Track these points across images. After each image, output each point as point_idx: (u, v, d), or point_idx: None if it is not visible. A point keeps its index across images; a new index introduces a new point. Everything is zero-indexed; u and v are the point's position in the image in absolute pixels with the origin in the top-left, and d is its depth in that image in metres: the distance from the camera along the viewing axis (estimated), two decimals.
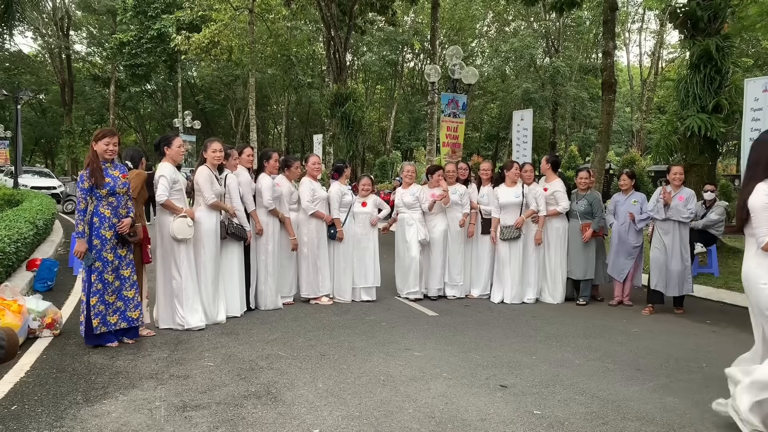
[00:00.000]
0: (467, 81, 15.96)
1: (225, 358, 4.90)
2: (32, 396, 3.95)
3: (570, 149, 29.17)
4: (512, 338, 5.81)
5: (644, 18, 37.68)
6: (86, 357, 4.83)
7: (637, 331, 6.22)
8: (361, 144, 22.88)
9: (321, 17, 21.39)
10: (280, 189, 6.83)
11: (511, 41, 34.45)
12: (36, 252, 9.08)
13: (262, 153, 6.96)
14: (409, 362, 4.90)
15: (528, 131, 13.79)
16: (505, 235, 7.23)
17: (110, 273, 5.06)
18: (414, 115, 41.65)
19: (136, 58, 33.95)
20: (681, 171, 7.04)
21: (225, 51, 30.10)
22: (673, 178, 6.97)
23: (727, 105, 9.82)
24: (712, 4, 9.94)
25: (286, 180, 7.03)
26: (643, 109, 35.81)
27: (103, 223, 5.01)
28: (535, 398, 4.14)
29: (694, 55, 10.04)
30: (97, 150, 5.03)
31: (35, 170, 28.15)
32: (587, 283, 7.44)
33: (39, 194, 15.35)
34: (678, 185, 6.94)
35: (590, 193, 7.50)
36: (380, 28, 33.60)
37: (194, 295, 5.72)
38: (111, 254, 5.05)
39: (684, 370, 4.92)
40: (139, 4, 33.24)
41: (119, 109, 45.07)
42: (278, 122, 47.94)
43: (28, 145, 51.34)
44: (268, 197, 6.58)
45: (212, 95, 45.19)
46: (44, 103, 47.92)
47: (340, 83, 20.41)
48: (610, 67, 13.60)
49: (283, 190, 6.87)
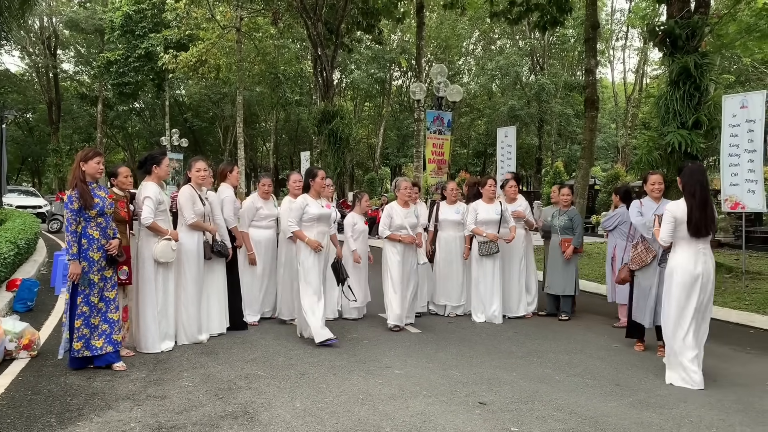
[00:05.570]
0: (452, 99, 16.07)
1: (203, 377, 4.87)
2: (5, 419, 3.90)
3: (555, 165, 29.37)
4: (494, 354, 5.81)
5: (627, 36, 38.21)
6: (63, 378, 4.78)
7: (618, 346, 6.24)
8: (349, 161, 22.95)
9: (308, 36, 21.49)
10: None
11: (497, 59, 34.83)
12: (17, 272, 9.00)
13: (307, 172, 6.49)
14: (389, 380, 4.89)
15: (512, 147, 13.88)
16: (484, 251, 7.16)
17: (96, 295, 4.98)
18: (402, 132, 41.91)
19: (123, 77, 33.94)
20: (660, 180, 6.15)
21: (213, 69, 30.21)
22: (651, 189, 6.08)
23: (706, 121, 9.92)
24: (690, 23, 10.08)
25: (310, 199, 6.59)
26: (627, 125, 36.17)
27: (91, 244, 4.94)
28: (513, 415, 4.15)
29: (673, 72, 10.15)
30: (87, 170, 4.96)
31: (21, 189, 27.95)
32: (568, 298, 7.46)
33: (23, 214, 15.20)
34: (657, 197, 6.07)
35: (571, 209, 7.56)
36: (368, 47, 33.84)
37: (164, 319, 5.67)
38: (97, 276, 4.98)
39: (663, 386, 4.94)
40: (126, 24, 33.30)
41: (107, 128, 44.95)
42: (267, 139, 47.98)
43: (15, 163, 51.09)
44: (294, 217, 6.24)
45: (200, 113, 45.17)
46: (31, 121, 47.73)
47: (327, 101, 20.49)
48: (592, 85, 13.76)
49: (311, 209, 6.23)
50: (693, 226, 4.85)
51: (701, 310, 4.96)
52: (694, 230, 4.85)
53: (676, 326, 4.96)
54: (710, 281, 4.96)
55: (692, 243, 4.93)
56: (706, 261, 4.94)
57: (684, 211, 4.90)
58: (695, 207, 4.84)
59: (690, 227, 4.86)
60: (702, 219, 4.83)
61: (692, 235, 4.88)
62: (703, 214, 4.84)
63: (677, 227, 4.95)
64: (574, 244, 7.37)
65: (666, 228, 5.00)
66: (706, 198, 4.89)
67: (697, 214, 4.83)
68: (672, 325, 4.99)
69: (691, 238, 4.90)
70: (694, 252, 4.93)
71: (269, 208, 7.08)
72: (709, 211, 4.89)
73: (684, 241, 4.97)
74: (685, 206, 4.91)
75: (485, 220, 7.25)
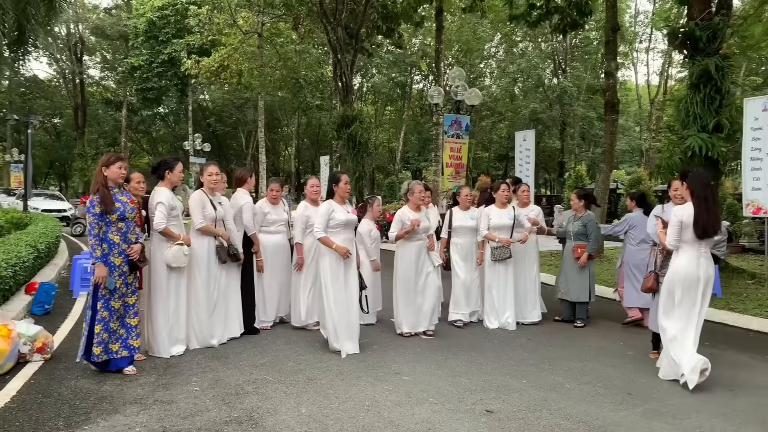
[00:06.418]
0: (471, 102, 15.97)
1: (212, 382, 4.89)
2: (14, 422, 3.95)
3: (577, 169, 29.07)
4: (504, 361, 5.75)
5: (651, 38, 37.74)
6: (74, 382, 4.83)
7: (633, 353, 6.14)
8: (368, 165, 22.97)
9: (327, 41, 21.60)
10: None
11: (519, 62, 34.64)
12: (38, 275, 9.14)
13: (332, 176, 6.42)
14: (396, 387, 4.86)
15: (531, 151, 13.79)
16: (497, 256, 7.07)
17: (116, 300, 5.02)
18: (423, 136, 41.87)
19: (147, 82, 34.49)
20: None
21: (235, 74, 30.53)
22: (674, 194, 5.89)
23: (727, 124, 9.75)
24: (711, 24, 9.92)
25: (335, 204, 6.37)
26: (652, 128, 35.71)
27: (112, 249, 4.97)
28: (520, 424, 4.09)
29: (693, 74, 10.00)
30: (109, 175, 5.01)
31: (47, 193, 28.49)
32: (583, 305, 7.36)
33: (46, 217, 15.47)
34: (680, 203, 5.69)
35: (586, 215, 7.46)
36: (388, 51, 33.88)
37: (175, 324, 5.71)
38: (120, 281, 5.01)
39: (676, 394, 4.85)
40: (150, 29, 33.81)
41: (132, 132, 45.62)
42: (289, 144, 48.26)
43: (43, 167, 52.08)
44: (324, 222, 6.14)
45: (223, 118, 45.60)
46: (58, 126, 48.66)
47: (346, 105, 20.57)
48: (612, 88, 13.62)
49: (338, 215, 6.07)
50: (701, 228, 4.97)
51: (702, 313, 5.13)
52: (702, 231, 4.98)
53: (681, 329, 5.10)
54: (709, 285, 5.13)
55: (695, 246, 5.08)
56: (707, 265, 5.11)
57: (690, 215, 5.02)
58: (703, 209, 4.97)
59: (697, 228, 4.98)
60: (709, 221, 4.97)
61: (699, 237, 5.01)
62: (710, 215, 4.98)
63: (683, 230, 5.08)
64: (589, 251, 7.27)
65: (672, 231, 5.13)
66: (713, 200, 5.09)
67: (705, 216, 4.96)
68: (673, 328, 5.14)
69: (694, 241, 5.05)
70: (696, 256, 5.08)
71: (278, 213, 7.04)
72: (715, 213, 5.06)
73: (687, 245, 5.11)
74: (692, 210, 5.03)
75: (498, 225, 7.18)
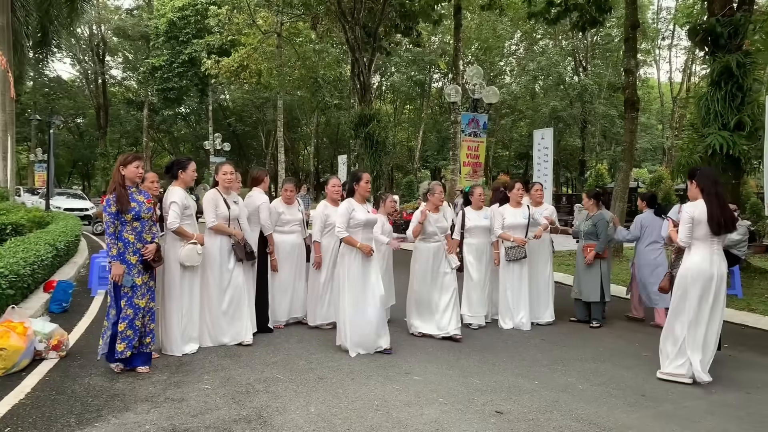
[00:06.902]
0: (488, 100, 15.88)
1: (223, 380, 4.91)
2: (27, 418, 4.01)
3: (597, 167, 28.78)
4: (517, 362, 5.71)
5: (674, 34, 37.22)
6: (87, 379, 4.88)
7: (649, 355, 6.04)
8: (386, 163, 22.96)
9: (345, 40, 21.64)
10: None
11: (539, 59, 34.38)
12: (57, 273, 9.26)
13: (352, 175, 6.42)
14: (406, 386, 4.84)
15: (549, 150, 13.69)
16: (511, 256, 7.02)
17: (140, 297, 5.08)
18: (442, 134, 41.74)
19: (167, 82, 34.82)
20: None
21: (254, 74, 30.69)
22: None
23: (749, 122, 9.58)
24: (733, 20, 9.76)
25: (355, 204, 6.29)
26: (674, 126, 35.23)
27: (127, 248, 5.03)
28: (529, 425, 4.05)
29: (714, 71, 9.86)
30: (126, 174, 5.07)
31: (69, 192, 28.96)
32: (598, 305, 7.28)
33: (67, 216, 15.68)
34: None
35: (597, 214, 7.38)
36: (407, 49, 33.84)
37: (189, 323, 5.75)
38: (139, 279, 5.08)
39: (690, 396, 4.77)
40: (170, 30, 34.13)
41: (153, 132, 46.11)
42: (308, 143, 48.43)
43: (66, 167, 52.93)
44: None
45: (243, 117, 45.91)
46: (81, 126, 49.38)
47: (364, 104, 20.58)
48: (632, 85, 13.45)
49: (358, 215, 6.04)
50: (715, 223, 4.96)
51: (716, 310, 5.08)
52: (716, 227, 4.97)
53: (692, 326, 5.05)
54: (723, 282, 5.10)
55: (707, 244, 5.06)
56: (720, 262, 5.10)
57: (702, 211, 5.02)
58: (715, 205, 4.98)
59: (713, 224, 4.97)
60: (724, 215, 4.97)
61: (714, 233, 5.00)
62: (723, 210, 4.99)
63: (694, 227, 5.07)
64: (597, 250, 7.19)
65: (684, 228, 5.12)
66: (724, 196, 5.11)
67: (719, 211, 4.97)
68: (686, 326, 5.08)
69: (707, 238, 5.03)
70: (709, 253, 5.07)
71: (292, 213, 7.05)
72: (728, 208, 5.08)
73: (699, 242, 5.09)
74: (704, 206, 5.03)
75: (512, 224, 7.13)
